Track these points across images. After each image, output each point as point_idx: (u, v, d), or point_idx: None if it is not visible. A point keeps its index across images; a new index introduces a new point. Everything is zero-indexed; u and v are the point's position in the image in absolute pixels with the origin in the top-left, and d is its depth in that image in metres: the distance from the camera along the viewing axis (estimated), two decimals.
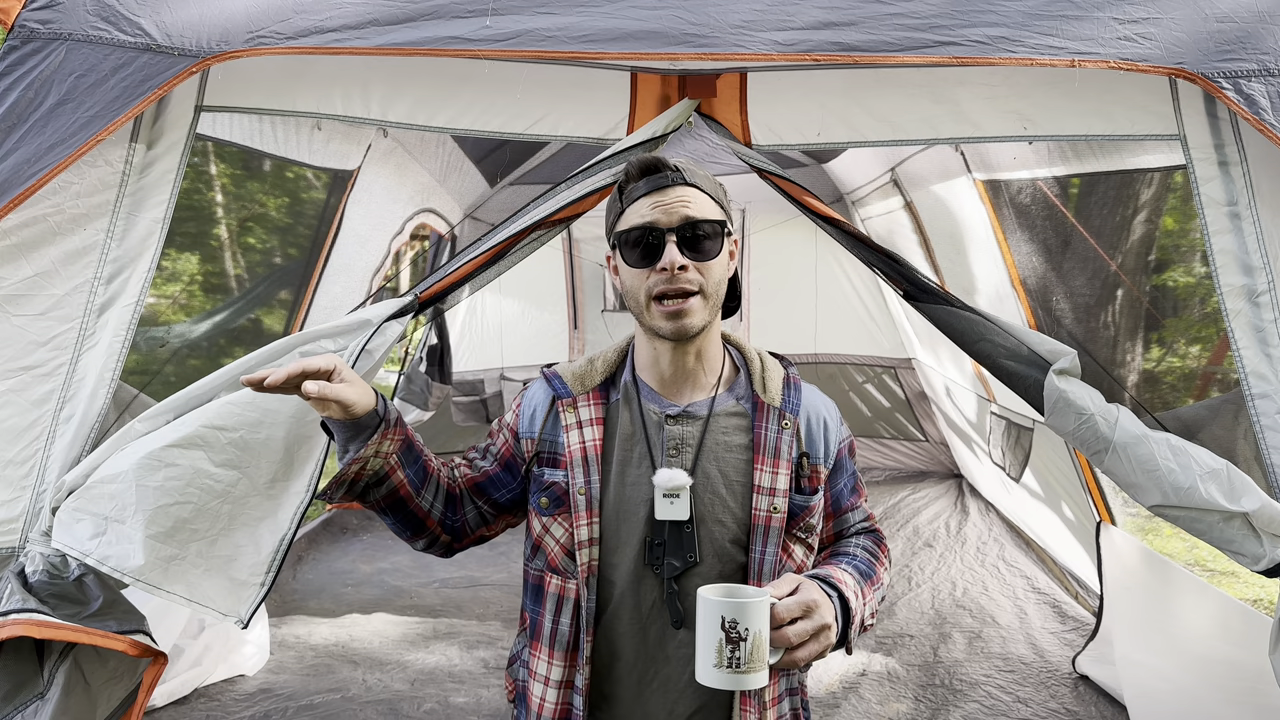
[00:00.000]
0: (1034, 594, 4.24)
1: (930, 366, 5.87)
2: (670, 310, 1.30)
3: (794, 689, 1.43)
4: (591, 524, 1.37)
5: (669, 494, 1.33)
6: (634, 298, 1.35)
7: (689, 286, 1.30)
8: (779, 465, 1.36)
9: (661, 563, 1.34)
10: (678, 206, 1.32)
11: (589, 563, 1.36)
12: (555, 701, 1.39)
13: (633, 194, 1.35)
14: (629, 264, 1.34)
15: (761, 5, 1.63)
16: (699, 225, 1.32)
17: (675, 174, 1.34)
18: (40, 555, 1.58)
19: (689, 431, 1.38)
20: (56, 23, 1.63)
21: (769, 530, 1.34)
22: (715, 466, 1.37)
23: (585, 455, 1.39)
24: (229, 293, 2.77)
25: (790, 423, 1.39)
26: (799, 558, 1.40)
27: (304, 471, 1.66)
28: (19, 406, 1.64)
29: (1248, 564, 1.59)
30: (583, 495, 1.37)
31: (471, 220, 5.15)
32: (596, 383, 1.44)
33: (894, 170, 4.36)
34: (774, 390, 1.41)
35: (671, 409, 1.40)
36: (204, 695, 3.19)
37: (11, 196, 1.58)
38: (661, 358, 1.40)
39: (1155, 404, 2.38)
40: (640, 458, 1.38)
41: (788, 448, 1.38)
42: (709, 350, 1.41)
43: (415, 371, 5.04)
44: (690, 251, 1.31)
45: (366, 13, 1.66)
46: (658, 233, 1.31)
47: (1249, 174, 1.66)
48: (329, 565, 4.79)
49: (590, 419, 1.41)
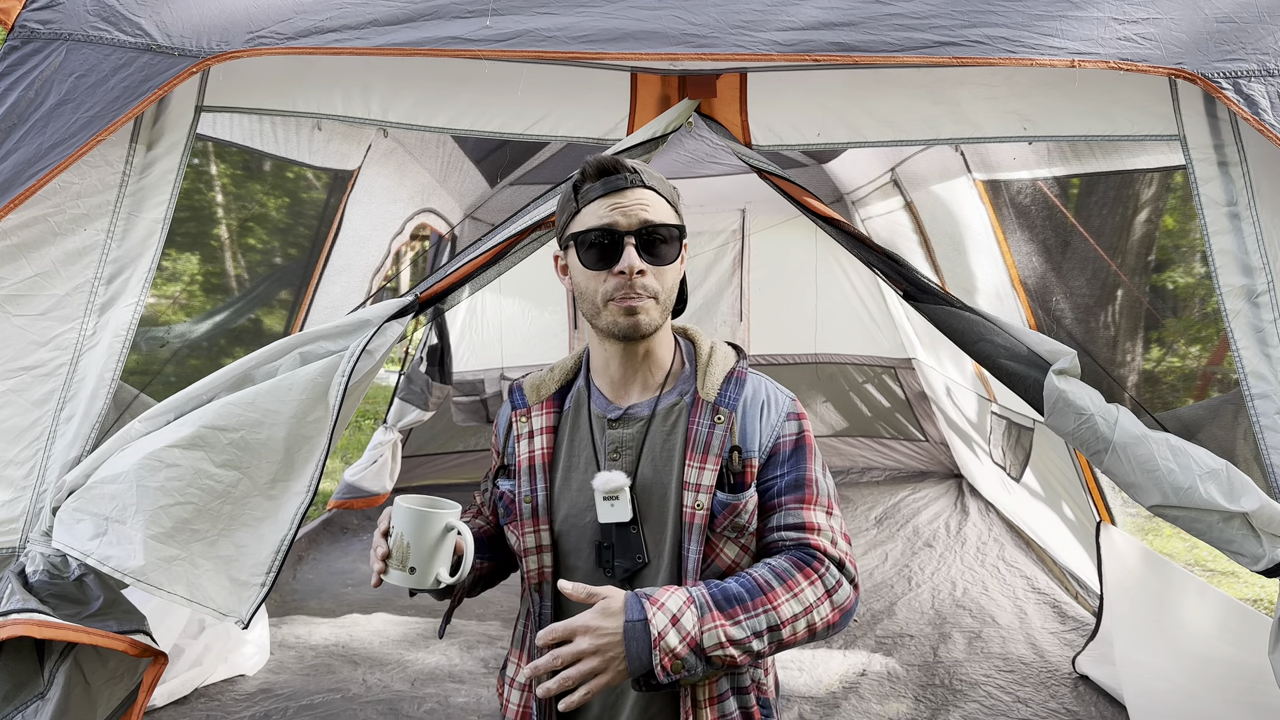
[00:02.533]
0: (1034, 594, 4.24)
1: (930, 366, 5.87)
2: (627, 306, 1.29)
3: (743, 688, 1.38)
4: (539, 531, 1.38)
5: (608, 496, 1.33)
6: (588, 300, 1.34)
7: (644, 292, 1.30)
8: (706, 461, 1.33)
9: (612, 565, 1.34)
10: (636, 209, 1.30)
11: (539, 569, 1.38)
12: (518, 703, 1.43)
13: (589, 194, 1.33)
14: (585, 265, 1.32)
15: (761, 5, 1.63)
16: (657, 229, 1.31)
17: (633, 176, 1.33)
18: (41, 555, 1.58)
19: (629, 434, 1.38)
20: (57, 23, 1.63)
21: (693, 527, 1.32)
22: (653, 466, 1.36)
23: (532, 464, 1.40)
24: (229, 293, 2.77)
25: (725, 417, 1.35)
26: (729, 557, 1.34)
27: (304, 472, 1.66)
28: (19, 406, 1.65)
29: (1247, 564, 1.59)
30: (528, 504, 1.38)
31: (471, 220, 5.14)
32: (551, 391, 1.46)
33: (894, 170, 4.36)
34: (712, 385, 1.39)
35: (614, 411, 1.40)
36: (204, 695, 3.19)
37: (12, 196, 1.58)
38: (612, 360, 1.39)
39: (1155, 404, 2.38)
40: (587, 462, 1.39)
41: (719, 442, 1.34)
42: (658, 351, 1.40)
43: (415, 371, 5.03)
44: (647, 255, 1.30)
45: (366, 13, 1.66)
46: (616, 235, 1.29)
47: (1249, 174, 1.66)
48: (329, 565, 4.79)
49: (541, 428, 1.42)
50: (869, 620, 4.02)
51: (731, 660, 1.21)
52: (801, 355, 6.74)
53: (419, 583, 1.27)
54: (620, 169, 1.33)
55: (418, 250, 5.34)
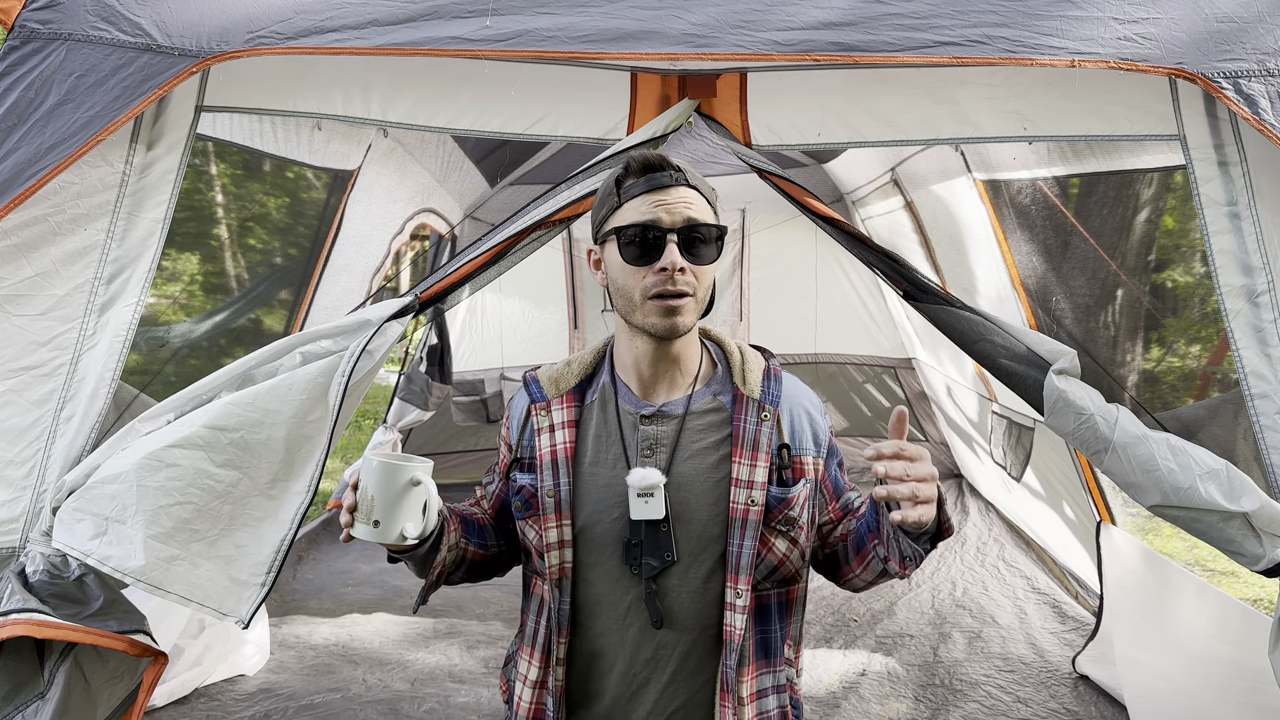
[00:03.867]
0: (1034, 594, 4.24)
1: (930, 366, 5.87)
2: (667, 306, 1.30)
3: (780, 686, 1.40)
4: (561, 526, 1.37)
5: (643, 493, 1.33)
6: (626, 295, 1.34)
7: (685, 289, 1.30)
8: (757, 457, 1.35)
9: (639, 563, 1.34)
10: (680, 207, 1.31)
11: (559, 565, 1.37)
12: (530, 701, 1.41)
13: (631, 190, 1.33)
14: (625, 260, 1.32)
15: (761, 5, 1.63)
16: (700, 228, 1.31)
17: (678, 174, 1.33)
18: (41, 555, 1.58)
19: (664, 431, 1.38)
20: (57, 23, 1.63)
21: (746, 523, 1.33)
22: (690, 464, 1.37)
23: (555, 458, 1.40)
24: (229, 293, 2.77)
25: (770, 414, 1.37)
26: (780, 551, 1.37)
27: (305, 472, 1.66)
28: (19, 406, 1.65)
29: (1247, 564, 1.59)
30: (551, 498, 1.38)
31: (471, 220, 5.15)
32: (571, 385, 1.45)
33: (894, 170, 4.36)
34: (754, 382, 1.40)
35: (646, 409, 1.40)
36: (204, 695, 3.19)
37: (12, 196, 1.58)
38: (642, 358, 1.39)
39: (1155, 404, 2.38)
40: (615, 459, 1.39)
41: (767, 439, 1.36)
42: (687, 351, 1.41)
43: (415, 371, 5.03)
44: (688, 254, 1.30)
45: (366, 13, 1.66)
46: (659, 232, 1.29)
47: (1249, 174, 1.66)
48: (329, 565, 4.79)
49: (563, 422, 1.42)
50: (869, 620, 4.03)
51: (931, 543, 1.26)
52: (801, 355, 6.74)
53: (382, 536, 1.26)
54: (666, 166, 1.33)
55: (418, 250, 5.34)
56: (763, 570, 1.36)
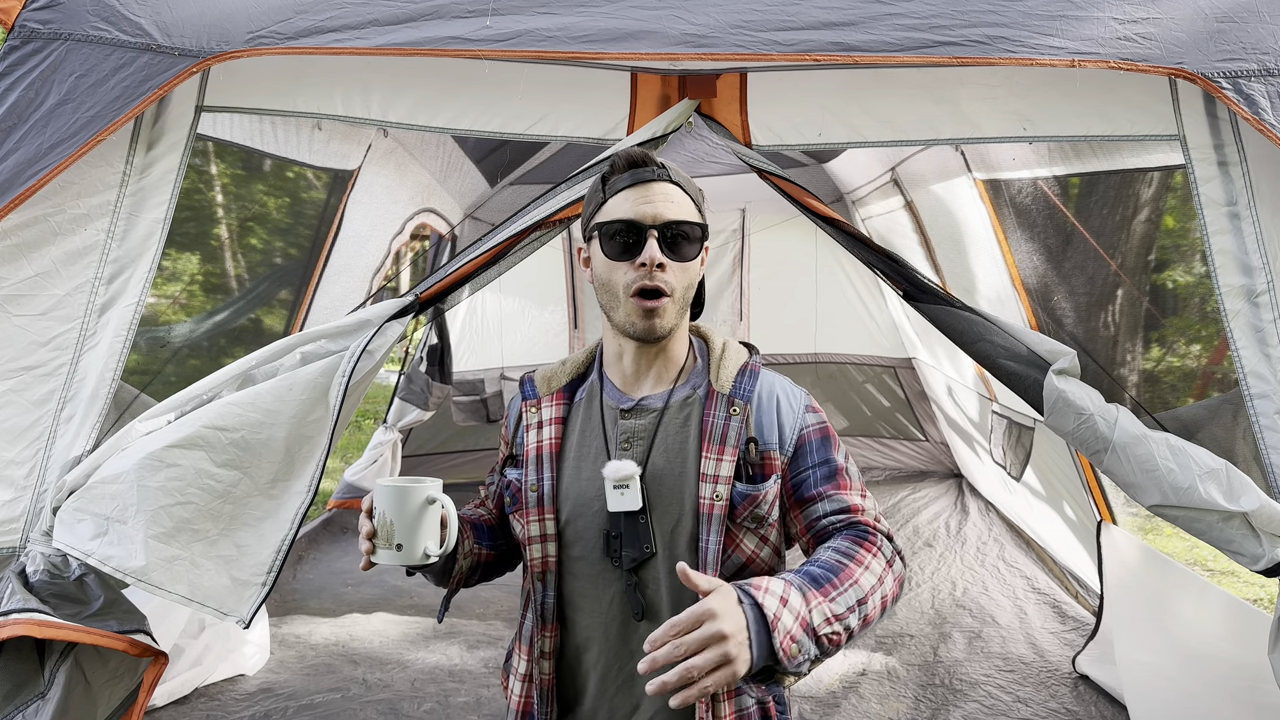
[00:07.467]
0: (1034, 594, 4.24)
1: (930, 366, 5.87)
2: (644, 308, 1.30)
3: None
4: (543, 520, 1.39)
5: (619, 485, 1.33)
6: (609, 290, 1.34)
7: (663, 286, 1.30)
8: (724, 452, 1.34)
9: (619, 555, 1.35)
10: (661, 203, 1.32)
11: (543, 558, 1.39)
12: (521, 695, 1.43)
13: (616, 185, 1.35)
14: (607, 255, 1.33)
15: (761, 5, 1.63)
16: (680, 225, 1.32)
17: (661, 170, 1.34)
18: (41, 555, 1.58)
19: (642, 424, 1.39)
20: (57, 23, 1.63)
21: (712, 518, 1.32)
22: (667, 457, 1.37)
23: (540, 453, 1.42)
24: (229, 293, 2.78)
25: (740, 409, 1.36)
26: (748, 549, 1.35)
27: (305, 471, 1.66)
28: (20, 406, 1.65)
29: (1247, 563, 1.59)
30: (534, 492, 1.39)
31: (471, 220, 5.15)
32: (562, 384, 1.47)
33: (894, 170, 4.36)
34: (726, 377, 1.40)
35: (626, 403, 1.41)
36: (204, 695, 3.19)
37: (12, 196, 1.58)
38: (625, 354, 1.41)
39: (1155, 404, 2.38)
40: (597, 452, 1.40)
41: (735, 434, 1.35)
42: (673, 348, 1.41)
43: (415, 371, 5.04)
44: (669, 250, 1.31)
45: (367, 13, 1.66)
46: (640, 228, 1.30)
47: (1249, 174, 1.66)
48: (329, 565, 4.79)
49: (550, 418, 1.44)
50: None
51: (837, 639, 1.14)
52: (801, 355, 6.75)
53: (406, 559, 1.27)
54: (649, 163, 1.35)
55: (418, 250, 5.34)
56: (731, 567, 1.35)
